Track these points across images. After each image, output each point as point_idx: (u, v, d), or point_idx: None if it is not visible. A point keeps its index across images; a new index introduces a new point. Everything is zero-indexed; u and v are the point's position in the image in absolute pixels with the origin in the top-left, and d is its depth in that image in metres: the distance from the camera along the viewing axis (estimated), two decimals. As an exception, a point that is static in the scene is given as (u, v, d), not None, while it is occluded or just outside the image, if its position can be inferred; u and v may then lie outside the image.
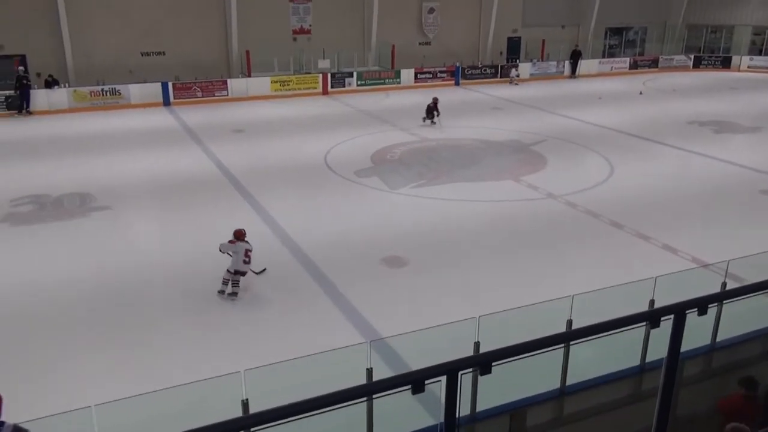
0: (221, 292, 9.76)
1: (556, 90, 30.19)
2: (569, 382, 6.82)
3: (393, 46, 30.80)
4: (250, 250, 9.90)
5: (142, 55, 27.25)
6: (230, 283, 9.76)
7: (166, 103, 25.27)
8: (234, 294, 9.75)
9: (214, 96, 26.06)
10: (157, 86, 25.25)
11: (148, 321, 9.24)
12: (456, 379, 2.87)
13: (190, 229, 12.63)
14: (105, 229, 12.69)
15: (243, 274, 9.84)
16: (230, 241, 9.92)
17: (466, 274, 10.71)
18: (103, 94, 24.44)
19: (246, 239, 10.02)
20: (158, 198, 14.77)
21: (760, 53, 36.96)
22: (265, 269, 10.46)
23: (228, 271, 9.76)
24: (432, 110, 21.52)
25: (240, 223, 12.79)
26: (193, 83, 25.99)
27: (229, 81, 26.73)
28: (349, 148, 18.88)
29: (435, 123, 21.42)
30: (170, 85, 25.45)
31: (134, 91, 24.90)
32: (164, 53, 27.50)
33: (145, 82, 25.37)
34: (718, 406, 5.67)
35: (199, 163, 17.32)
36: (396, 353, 7.72)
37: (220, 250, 9.89)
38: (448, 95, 28.53)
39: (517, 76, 32.08)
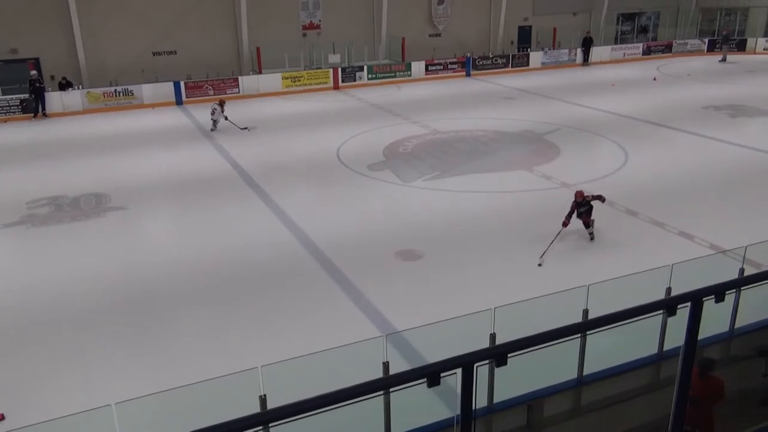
0: None
1: (569, 78, 29.95)
2: (586, 372, 6.80)
3: (403, 39, 30.69)
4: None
5: (154, 55, 27.40)
6: None
7: (179, 102, 25.41)
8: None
9: (225, 93, 26.13)
10: (169, 86, 25.39)
11: (166, 319, 9.32)
12: (471, 371, 2.87)
13: (205, 228, 12.70)
14: (121, 228, 12.80)
15: None
16: None
17: (481, 266, 10.69)
18: (116, 95, 24.62)
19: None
20: (172, 197, 14.87)
21: (776, 35, 36.39)
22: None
23: None
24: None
25: (254, 219, 12.92)
26: (205, 82, 26.09)
27: (240, 78, 26.80)
28: (361, 143, 18.87)
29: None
30: (182, 84, 25.58)
31: (147, 91, 25.06)
32: (176, 52, 27.63)
33: (157, 81, 25.53)
34: None
35: (212, 161, 17.41)
36: (412, 346, 7.74)
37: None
38: (460, 86, 28.45)
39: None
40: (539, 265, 10.51)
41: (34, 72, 23.63)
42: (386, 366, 6.16)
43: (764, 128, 20.06)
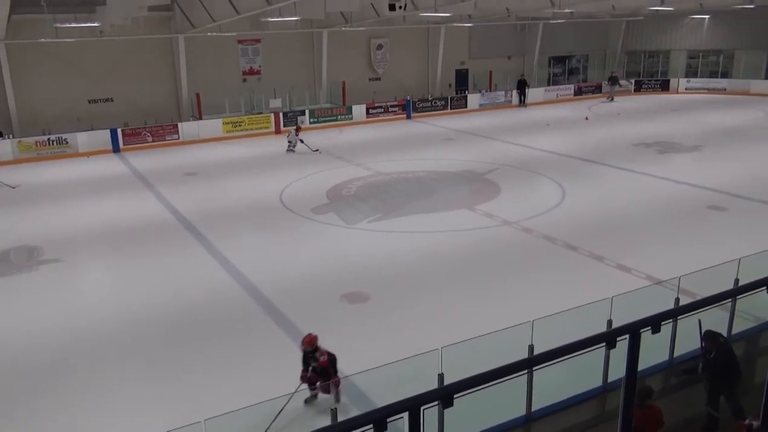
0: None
1: (506, 119, 30.85)
2: (534, 407, 6.85)
3: (343, 83, 31.10)
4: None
5: (90, 102, 26.86)
6: None
7: (116, 149, 24.87)
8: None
9: (165, 140, 25.77)
10: (106, 133, 24.85)
11: (103, 372, 8.92)
12: (418, 414, 2.84)
13: (146, 277, 12.34)
14: (56, 281, 12.30)
15: None
16: None
17: (428, 305, 10.71)
18: (49, 144, 23.92)
19: None
20: (110, 247, 14.39)
21: (696, 75, 38.58)
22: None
23: None
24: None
25: (196, 267, 12.63)
26: (143, 128, 25.68)
27: (180, 125, 26.50)
28: (304, 186, 18.85)
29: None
30: (119, 131, 25.09)
31: (82, 139, 24.44)
32: (112, 100, 27.17)
33: (93, 129, 24.96)
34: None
35: (152, 208, 17.02)
36: (361, 391, 7.63)
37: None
38: (401, 128, 28.90)
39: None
40: None
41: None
42: (334, 412, 6.05)
43: (690, 163, 21.07)
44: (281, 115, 28.57)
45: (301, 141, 23.60)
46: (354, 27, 29.48)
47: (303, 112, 29.13)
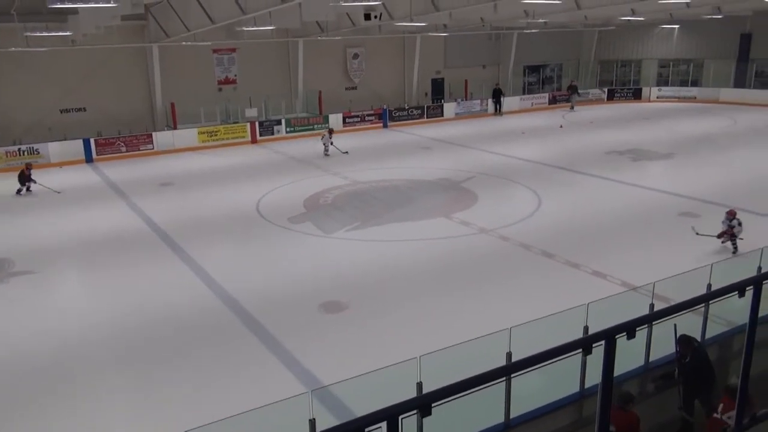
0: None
1: (482, 127, 31.08)
2: (513, 414, 6.86)
3: (320, 92, 31.11)
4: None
5: (62, 112, 26.51)
6: None
7: (89, 160, 24.55)
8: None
9: (139, 150, 25.50)
10: (79, 143, 24.53)
11: (78, 384, 8.76)
12: (396, 424, 2.82)
13: (120, 289, 12.15)
14: (28, 294, 12.07)
15: None
16: None
17: (406, 314, 10.70)
18: (20, 154, 23.52)
19: None
20: (84, 258, 14.18)
21: (667, 84, 39.29)
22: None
23: None
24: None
25: (172, 278, 12.48)
26: (117, 138, 25.39)
27: (154, 134, 26.26)
28: (281, 196, 18.76)
29: None
30: (92, 141, 24.78)
31: (54, 149, 24.08)
32: (85, 109, 26.84)
33: (65, 139, 24.62)
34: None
35: (126, 219, 16.80)
36: (340, 400, 7.59)
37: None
38: (378, 137, 28.95)
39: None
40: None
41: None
42: (312, 423, 6.00)
43: (662, 170, 21.41)
44: (257, 124, 28.46)
45: (332, 143, 24.66)
46: (330, 36, 29.52)
47: (279, 122, 29.06)
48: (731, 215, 13.03)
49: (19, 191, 19.79)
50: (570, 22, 34.21)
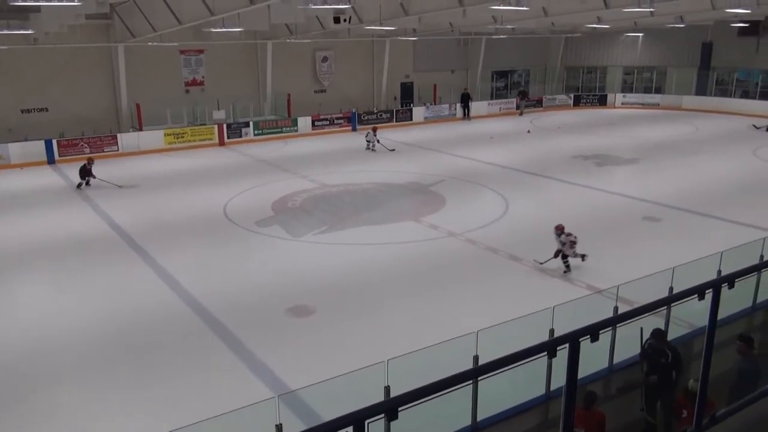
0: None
1: (451, 131, 31.27)
2: (480, 416, 6.90)
3: (288, 95, 30.96)
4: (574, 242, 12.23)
5: (23, 112, 25.86)
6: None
7: (51, 161, 24.01)
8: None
9: (103, 152, 25.02)
10: (40, 144, 23.98)
11: (39, 394, 8.55)
12: (362, 428, 2.81)
13: (83, 294, 11.90)
14: (-16, 299, 11.75)
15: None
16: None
17: (374, 318, 10.70)
18: (-21, 155, 22.91)
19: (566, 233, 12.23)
20: (45, 263, 13.83)
21: (631, 91, 40.07)
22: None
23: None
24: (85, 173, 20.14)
25: (137, 282, 12.27)
26: (80, 139, 24.89)
27: (119, 135, 25.80)
28: (248, 199, 18.60)
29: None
30: (54, 142, 24.24)
31: (14, 150, 23.49)
32: (47, 110, 26.23)
33: (26, 140, 24.04)
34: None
35: (89, 222, 16.46)
36: (307, 405, 7.54)
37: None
38: (347, 141, 28.90)
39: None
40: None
41: None
42: (279, 428, 5.95)
43: (627, 175, 21.82)
44: (225, 126, 28.18)
45: (378, 141, 25.67)
46: (299, 39, 29.41)
47: (247, 124, 28.84)
48: (559, 230, 12.37)
49: (79, 185, 20.09)
50: (537, 29, 34.66)
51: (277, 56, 31.06)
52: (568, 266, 12.32)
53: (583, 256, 12.47)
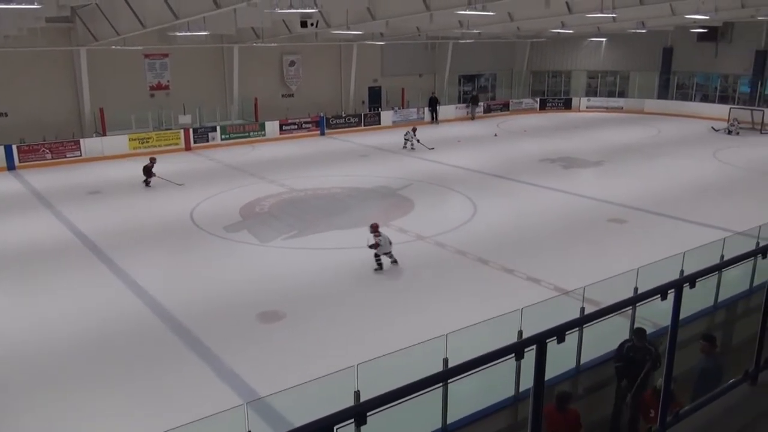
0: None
1: (419, 135, 31.27)
2: (450, 419, 6.92)
3: (255, 99, 30.74)
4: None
5: (-19, 117, 25.24)
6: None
7: (11, 167, 23.43)
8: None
9: (65, 157, 24.52)
10: (0, 150, 23.38)
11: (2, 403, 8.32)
12: (332, 434, 2.79)
13: (46, 303, 11.62)
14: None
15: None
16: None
17: (344, 322, 10.66)
18: (-65, 161, 22.25)
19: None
20: (5, 271, 13.47)
21: (595, 94, 40.76)
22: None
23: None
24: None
25: (101, 290, 12.03)
26: (42, 145, 24.35)
27: (82, 141, 25.30)
28: (216, 204, 18.40)
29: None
30: (14, 147, 23.66)
31: (-27, 156, 22.90)
32: (6, 114, 25.60)
33: (-16, 146, 23.46)
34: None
35: (51, 229, 16.10)
36: (277, 412, 7.48)
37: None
38: (315, 145, 28.83)
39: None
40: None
41: None
42: (248, 436, 5.89)
43: (592, 178, 22.16)
44: (191, 131, 27.85)
45: (418, 140, 26.50)
46: (266, 43, 29.22)
47: (214, 129, 28.53)
48: (373, 228, 12.68)
49: (146, 182, 20.58)
50: (503, 33, 35.04)
51: (243, 60, 30.84)
52: (379, 264, 12.67)
53: (394, 261, 12.88)
